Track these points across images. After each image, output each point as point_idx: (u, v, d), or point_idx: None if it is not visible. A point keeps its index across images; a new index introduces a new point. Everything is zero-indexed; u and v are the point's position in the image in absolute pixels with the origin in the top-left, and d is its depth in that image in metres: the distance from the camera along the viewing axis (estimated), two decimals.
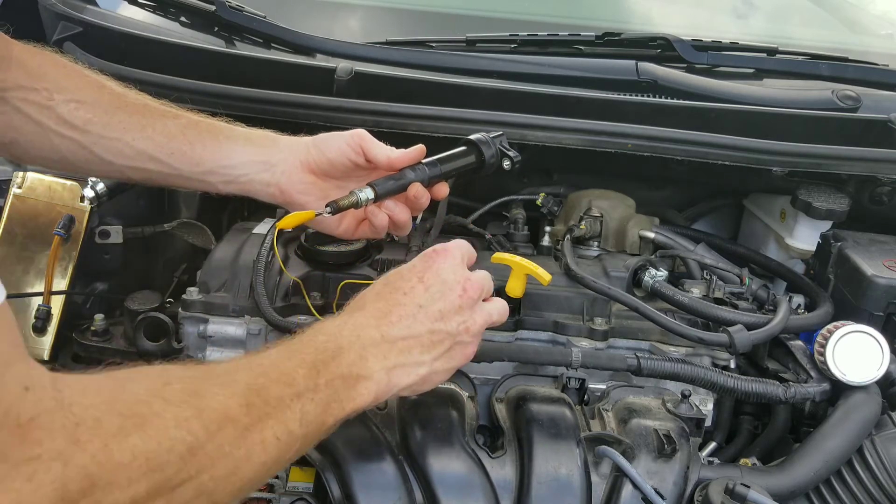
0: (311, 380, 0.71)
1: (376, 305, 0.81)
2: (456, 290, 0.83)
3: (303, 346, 0.74)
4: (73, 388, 0.55)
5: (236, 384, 0.66)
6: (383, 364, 0.78)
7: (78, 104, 0.96)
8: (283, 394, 0.68)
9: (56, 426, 0.52)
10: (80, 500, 0.52)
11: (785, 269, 1.36)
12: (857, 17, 2.02)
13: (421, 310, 0.81)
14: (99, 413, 0.55)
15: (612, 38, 1.41)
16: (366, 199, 0.96)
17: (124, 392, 0.59)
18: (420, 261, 0.86)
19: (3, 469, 0.48)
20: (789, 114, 1.31)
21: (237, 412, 0.64)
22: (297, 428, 0.68)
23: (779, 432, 1.15)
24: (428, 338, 0.81)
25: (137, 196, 1.30)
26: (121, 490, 0.54)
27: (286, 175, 1.02)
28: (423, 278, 0.83)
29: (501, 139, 1.07)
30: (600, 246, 1.32)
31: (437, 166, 1.02)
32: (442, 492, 0.90)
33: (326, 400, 0.72)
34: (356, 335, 0.77)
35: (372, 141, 1.00)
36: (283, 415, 0.67)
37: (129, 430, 0.56)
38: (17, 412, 0.49)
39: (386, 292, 0.83)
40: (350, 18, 1.60)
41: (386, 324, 0.79)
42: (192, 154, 1.00)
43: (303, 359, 0.72)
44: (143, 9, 1.44)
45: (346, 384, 0.74)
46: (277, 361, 0.71)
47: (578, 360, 1.04)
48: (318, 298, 1.11)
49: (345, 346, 0.76)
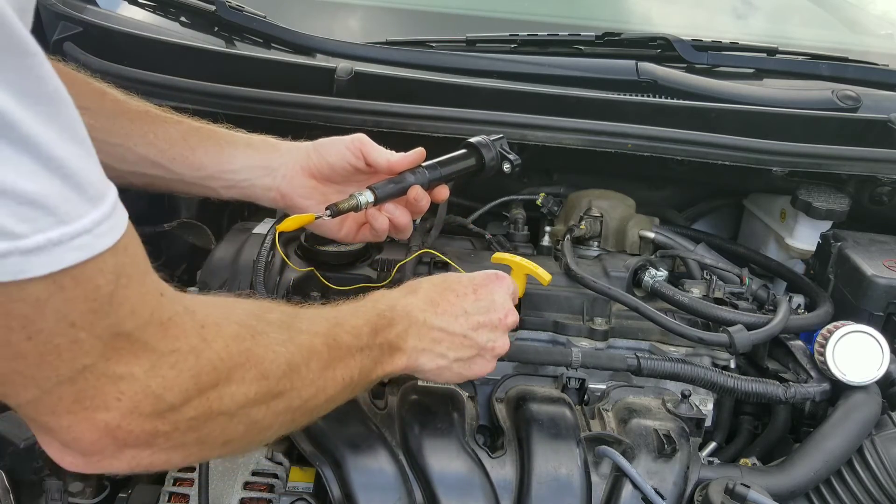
0: (371, 338, 0.81)
1: (429, 294, 0.90)
2: (500, 312, 0.92)
3: (367, 309, 0.83)
4: (194, 300, 0.65)
5: (319, 326, 0.75)
6: (417, 344, 0.87)
7: (80, 111, 0.95)
8: (352, 344, 0.78)
9: (188, 326, 0.60)
10: (208, 389, 0.61)
11: (785, 269, 1.36)
12: (857, 17, 2.02)
13: (464, 315, 0.89)
14: (218, 319, 0.64)
15: (612, 38, 1.41)
16: (365, 202, 0.96)
17: (236, 308, 0.69)
18: (481, 276, 0.94)
19: (153, 357, 0.57)
20: (789, 114, 1.31)
21: (321, 349, 0.74)
22: (356, 374, 0.78)
23: (779, 432, 1.15)
24: (459, 340, 0.89)
25: (137, 196, 1.29)
26: (237, 385, 0.64)
27: (287, 179, 1.02)
28: (477, 291, 0.92)
29: (502, 142, 1.07)
30: (600, 246, 1.32)
31: (437, 169, 1.02)
32: (442, 492, 0.90)
33: (375, 358, 0.82)
34: (407, 312, 0.86)
35: (372, 145, 1.01)
36: (350, 361, 0.77)
37: (244, 336, 0.65)
38: (159, 313, 0.58)
39: (442, 287, 0.91)
40: (350, 18, 1.60)
41: (431, 312, 0.88)
42: (194, 159, 1.00)
43: (367, 319, 0.81)
44: (143, 9, 1.44)
45: (390, 350, 0.84)
46: (349, 316, 0.80)
47: (578, 360, 1.04)
48: (318, 298, 1.11)
49: (397, 319, 0.85)
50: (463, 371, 0.91)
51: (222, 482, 0.98)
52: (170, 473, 1.00)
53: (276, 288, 1.10)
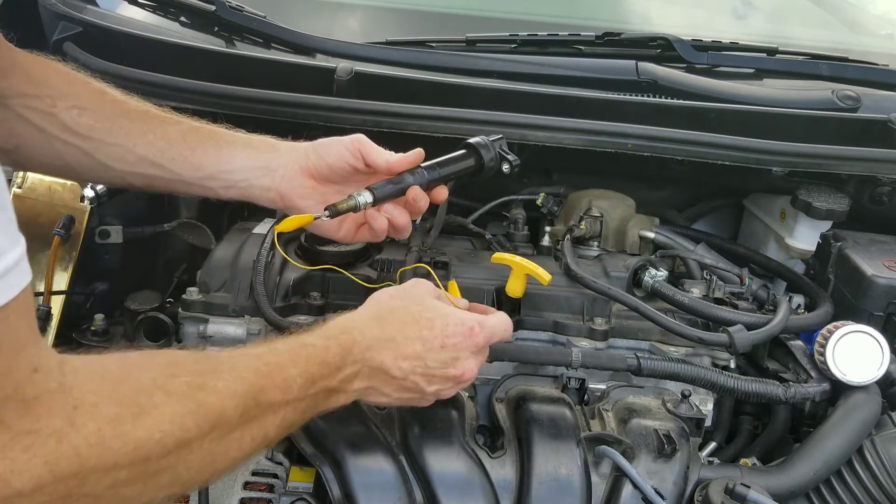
0: (304, 390, 0.75)
1: (396, 331, 0.86)
2: (458, 370, 0.88)
3: (311, 356, 0.78)
4: (79, 373, 0.59)
5: (241, 384, 0.69)
6: (364, 384, 0.84)
7: (80, 111, 0.97)
8: (277, 400, 0.72)
9: (56, 406, 0.55)
10: (68, 477, 0.56)
11: (785, 269, 1.36)
12: (857, 17, 2.02)
13: (423, 366, 0.86)
14: (98, 399, 0.58)
15: (612, 38, 1.41)
16: (364, 202, 0.96)
17: (129, 380, 0.62)
18: (455, 328, 0.88)
19: (5, 437, 0.53)
20: (789, 114, 1.31)
21: (231, 413, 0.67)
22: (272, 431, 0.73)
23: (779, 432, 1.15)
24: (409, 385, 0.87)
25: (137, 196, 1.29)
26: (105, 473, 0.58)
27: (286, 180, 1.02)
28: (445, 345, 0.87)
29: (501, 142, 1.07)
30: (600, 246, 1.32)
31: (436, 170, 1.02)
32: (442, 492, 0.90)
33: (304, 409, 0.77)
34: (364, 357, 0.82)
35: (371, 146, 1.01)
36: (270, 417, 0.72)
37: (125, 418, 0.59)
38: (24, 390, 0.53)
39: (410, 331, 0.86)
40: (350, 18, 1.60)
41: (391, 356, 0.84)
42: (193, 159, 1.00)
43: (306, 369, 0.76)
44: (143, 9, 1.44)
45: (328, 395, 0.80)
46: (284, 363, 0.74)
47: (578, 360, 1.04)
48: (318, 298, 1.11)
49: (347, 365, 0.80)
50: (400, 403, 0.90)
51: (222, 482, 0.98)
52: None
53: (276, 288, 1.10)
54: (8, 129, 0.96)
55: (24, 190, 1.20)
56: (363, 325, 0.85)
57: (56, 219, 1.18)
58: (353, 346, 0.82)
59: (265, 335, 1.08)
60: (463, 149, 1.06)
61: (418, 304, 0.90)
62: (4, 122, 0.95)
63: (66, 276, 1.19)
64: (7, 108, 0.94)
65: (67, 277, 1.19)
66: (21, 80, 0.94)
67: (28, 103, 0.95)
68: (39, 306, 1.15)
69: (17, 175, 1.20)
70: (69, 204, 1.20)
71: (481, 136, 1.06)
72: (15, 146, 0.97)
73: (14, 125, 0.95)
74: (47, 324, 1.16)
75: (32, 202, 1.20)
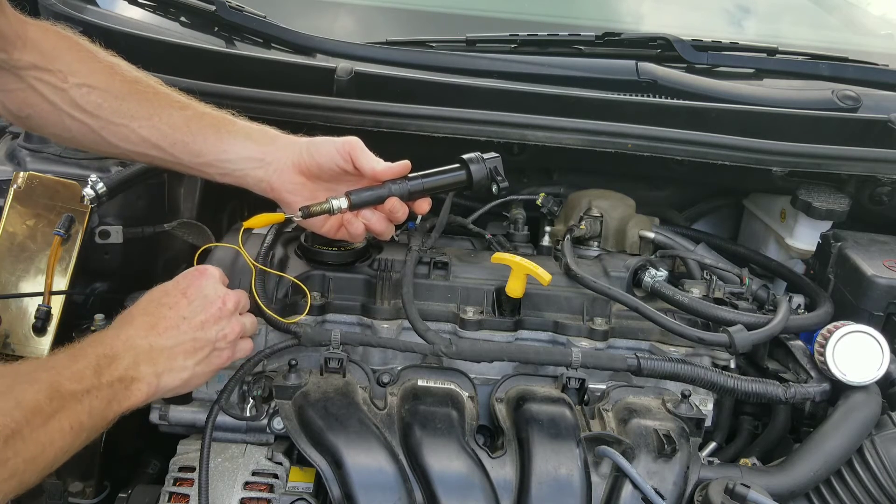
0: (96, 379, 0.81)
1: (144, 319, 0.90)
2: (216, 303, 0.93)
3: (86, 352, 0.84)
4: None
5: (41, 382, 0.76)
6: (153, 369, 0.87)
7: (90, 89, 1.02)
8: (76, 389, 0.78)
9: None
10: None
11: (785, 269, 1.36)
12: (857, 17, 2.02)
13: (184, 321, 0.91)
14: None
15: (612, 38, 1.41)
16: (338, 207, 1.01)
17: None
18: (183, 278, 0.95)
19: None
20: (789, 114, 1.31)
21: (44, 404, 0.74)
22: (86, 419, 0.79)
23: (779, 432, 1.15)
24: (191, 345, 0.90)
25: (137, 196, 1.29)
26: None
27: (278, 174, 1.05)
28: (186, 293, 0.93)
29: (496, 162, 1.07)
30: (600, 246, 1.32)
31: (420, 182, 1.04)
32: (442, 492, 0.90)
33: (108, 397, 0.82)
34: (128, 345, 0.87)
35: (362, 150, 1.03)
36: (76, 406, 0.78)
37: None
38: None
39: (152, 307, 0.92)
40: (350, 18, 1.60)
41: (154, 335, 0.89)
42: (194, 146, 1.04)
43: (88, 362, 0.82)
44: (143, 9, 1.44)
45: (123, 385, 0.84)
46: (67, 363, 0.81)
47: (578, 360, 1.04)
48: (318, 298, 1.11)
49: (120, 354, 0.85)
50: (206, 369, 0.93)
51: (222, 482, 0.98)
52: (170, 473, 1.00)
53: (276, 288, 1.10)
54: (22, 98, 1.01)
55: (24, 190, 1.20)
56: (116, 329, 0.90)
57: (56, 219, 1.18)
58: (115, 341, 0.87)
59: (265, 335, 1.08)
60: (456, 163, 1.07)
61: (148, 295, 0.94)
62: (19, 91, 1.01)
63: (66, 276, 1.19)
64: (20, 79, 1.00)
65: (67, 277, 1.19)
66: (33, 53, 0.99)
67: (40, 76, 1.00)
68: (39, 306, 1.16)
69: (18, 175, 1.20)
70: (69, 204, 1.20)
71: (477, 152, 1.07)
72: (28, 115, 1.03)
73: (28, 95, 1.01)
74: (47, 324, 1.16)
75: (32, 202, 1.20)
